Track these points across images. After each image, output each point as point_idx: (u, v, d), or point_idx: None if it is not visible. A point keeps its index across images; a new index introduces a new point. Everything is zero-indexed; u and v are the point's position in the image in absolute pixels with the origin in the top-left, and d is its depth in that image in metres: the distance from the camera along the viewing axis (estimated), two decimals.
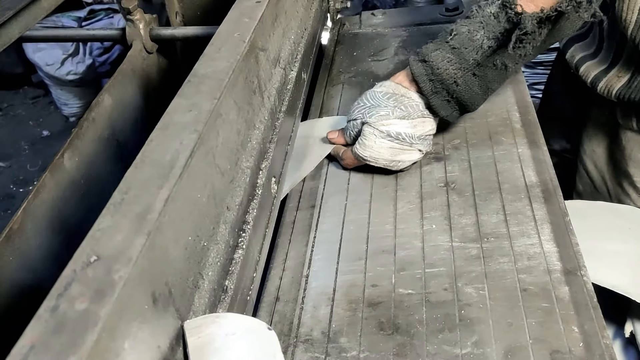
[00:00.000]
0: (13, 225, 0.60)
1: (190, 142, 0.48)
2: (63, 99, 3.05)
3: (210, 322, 0.46)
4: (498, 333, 0.59)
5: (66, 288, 0.35)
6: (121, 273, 0.35)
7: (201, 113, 0.51)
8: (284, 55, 0.84)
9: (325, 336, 0.62)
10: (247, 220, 0.63)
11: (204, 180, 0.51)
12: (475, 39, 0.75)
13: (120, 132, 0.83)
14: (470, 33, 0.75)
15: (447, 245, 0.71)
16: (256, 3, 0.72)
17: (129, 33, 0.90)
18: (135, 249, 0.37)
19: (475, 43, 0.75)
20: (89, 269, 0.36)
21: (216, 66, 0.59)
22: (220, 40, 0.64)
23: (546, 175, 0.79)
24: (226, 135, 0.57)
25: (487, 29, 0.74)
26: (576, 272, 0.65)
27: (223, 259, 0.55)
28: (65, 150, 0.70)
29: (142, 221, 0.40)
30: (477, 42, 0.75)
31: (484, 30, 0.75)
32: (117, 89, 0.83)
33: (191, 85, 0.56)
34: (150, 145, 0.48)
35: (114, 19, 2.94)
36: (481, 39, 0.75)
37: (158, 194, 0.42)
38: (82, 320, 0.32)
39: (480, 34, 0.75)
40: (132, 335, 0.37)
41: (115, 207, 0.41)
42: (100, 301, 0.34)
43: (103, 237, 0.38)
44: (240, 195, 0.61)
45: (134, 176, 0.44)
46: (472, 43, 0.75)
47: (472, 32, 0.75)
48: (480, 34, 0.75)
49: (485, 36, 0.75)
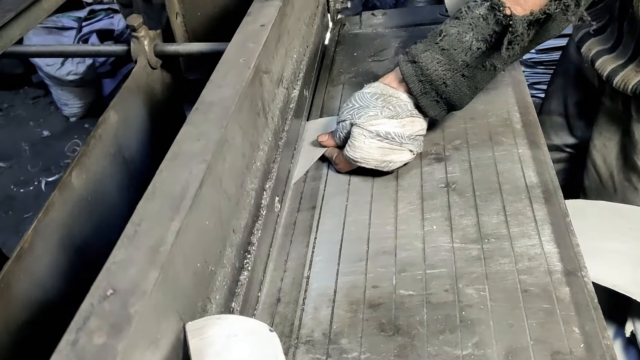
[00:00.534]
0: (24, 244, 0.61)
1: (200, 172, 0.49)
2: (63, 99, 3.05)
3: (212, 324, 0.46)
4: (499, 334, 0.60)
5: (85, 322, 0.36)
6: (137, 307, 0.37)
7: (209, 142, 0.53)
8: (287, 75, 0.85)
9: (326, 337, 0.63)
10: (252, 242, 0.64)
11: (212, 207, 0.52)
12: (465, 41, 0.75)
13: (126, 148, 0.83)
14: (460, 34, 0.75)
15: (447, 246, 0.71)
16: (260, 27, 0.73)
17: (134, 49, 0.91)
18: (149, 282, 0.39)
19: (465, 44, 0.75)
20: (106, 302, 0.37)
21: (222, 93, 0.60)
22: (225, 66, 0.65)
23: (547, 176, 0.79)
24: (232, 160, 0.58)
25: (476, 30, 0.75)
26: (577, 273, 0.65)
27: (229, 281, 0.56)
28: (73, 168, 0.70)
29: (155, 254, 0.41)
30: (466, 44, 0.75)
31: (473, 31, 0.75)
32: (122, 105, 0.83)
33: (199, 114, 0.57)
34: (160, 175, 0.49)
35: (114, 18, 2.94)
36: (470, 40, 0.75)
37: (170, 226, 0.43)
38: (101, 355, 0.34)
39: (469, 35, 0.75)
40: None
41: (129, 240, 0.42)
42: (117, 335, 0.35)
43: (118, 270, 0.39)
44: (245, 217, 0.62)
45: (145, 208, 0.45)
46: (462, 44, 0.76)
47: (461, 34, 0.75)
48: (469, 35, 0.75)
49: (475, 38, 0.75)
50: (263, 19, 0.75)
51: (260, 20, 0.74)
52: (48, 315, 0.64)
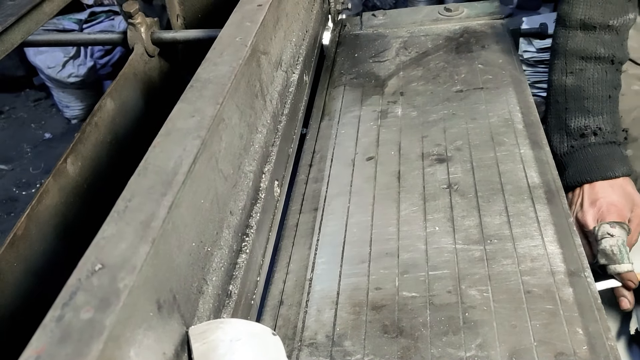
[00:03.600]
0: (17, 231, 0.60)
1: (194, 148, 0.48)
2: (65, 102, 3.06)
3: (215, 328, 0.46)
4: (502, 335, 0.59)
5: (71, 297, 0.35)
6: (126, 281, 0.36)
7: (204, 118, 0.51)
8: (286, 58, 0.84)
9: (329, 340, 0.62)
10: (250, 225, 0.63)
11: (207, 186, 0.51)
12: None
13: (122, 136, 0.83)
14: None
15: (450, 248, 0.71)
16: (258, 7, 0.72)
17: (130, 37, 0.90)
18: (139, 257, 0.38)
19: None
20: (94, 277, 0.36)
21: (218, 71, 0.59)
22: (222, 45, 0.64)
23: (549, 176, 0.78)
24: (229, 139, 0.57)
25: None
26: (580, 274, 0.65)
27: (227, 263, 0.55)
28: (68, 155, 0.70)
29: (146, 229, 0.40)
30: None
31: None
32: (119, 93, 0.83)
33: (194, 90, 0.56)
34: (153, 151, 0.48)
35: (115, 21, 2.94)
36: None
37: (162, 201, 0.42)
38: (88, 330, 0.33)
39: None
40: (137, 343, 0.37)
41: (119, 215, 0.41)
42: (106, 310, 0.34)
43: (107, 245, 0.38)
44: (243, 199, 0.61)
45: (137, 183, 0.44)
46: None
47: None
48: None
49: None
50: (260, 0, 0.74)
51: (258, 0, 0.74)
52: (42, 302, 0.63)
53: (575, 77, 0.86)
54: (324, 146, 0.93)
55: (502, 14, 1.22)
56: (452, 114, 0.94)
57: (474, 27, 1.19)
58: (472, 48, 1.11)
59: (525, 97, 0.95)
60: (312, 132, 0.98)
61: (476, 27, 1.18)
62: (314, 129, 0.98)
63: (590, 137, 0.85)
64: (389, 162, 0.87)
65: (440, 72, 1.06)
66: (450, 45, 1.14)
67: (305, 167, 0.90)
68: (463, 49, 1.12)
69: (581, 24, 0.87)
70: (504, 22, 1.20)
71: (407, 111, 0.97)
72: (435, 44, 1.16)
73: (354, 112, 1.00)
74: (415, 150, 0.88)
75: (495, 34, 1.15)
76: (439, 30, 1.20)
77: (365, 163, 0.88)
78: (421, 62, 1.11)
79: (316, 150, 0.93)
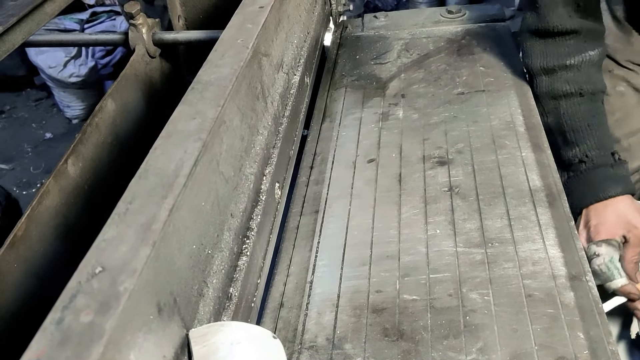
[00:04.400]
0: (17, 232, 0.60)
1: (195, 150, 0.48)
2: (66, 101, 3.06)
3: (215, 331, 0.46)
4: (503, 339, 0.59)
5: (71, 300, 0.34)
6: (126, 284, 0.35)
7: (205, 121, 0.51)
8: (287, 60, 0.84)
9: (329, 342, 0.62)
10: (251, 227, 0.63)
11: (208, 188, 0.51)
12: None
13: (123, 137, 0.83)
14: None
15: (451, 251, 0.70)
16: (259, 8, 0.72)
17: (131, 37, 0.90)
18: (140, 260, 0.37)
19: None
20: (94, 280, 0.36)
21: (220, 73, 0.59)
22: (223, 47, 0.64)
23: (550, 180, 0.78)
24: (230, 142, 0.57)
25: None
26: (581, 278, 0.64)
27: (227, 266, 0.55)
28: (69, 156, 0.70)
29: (147, 231, 0.40)
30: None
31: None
32: (120, 93, 0.83)
33: (195, 92, 0.56)
34: (154, 153, 0.48)
35: (116, 21, 2.94)
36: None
37: (162, 204, 0.42)
38: (88, 333, 0.32)
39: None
40: (137, 346, 0.37)
41: (120, 217, 0.41)
42: (106, 313, 0.34)
43: (108, 247, 0.38)
44: (244, 201, 0.61)
45: (138, 185, 0.44)
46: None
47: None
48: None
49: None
50: (262, 1, 0.74)
51: (259, 2, 0.74)
52: (43, 304, 0.63)
53: (553, 115, 0.93)
54: (325, 148, 0.93)
55: (504, 16, 1.22)
56: (453, 116, 0.94)
57: (476, 29, 1.19)
58: (473, 50, 1.11)
59: (527, 100, 0.95)
60: (313, 134, 0.98)
61: (478, 30, 1.18)
62: (315, 131, 0.98)
63: (580, 166, 0.90)
64: (390, 165, 0.87)
65: (442, 74, 1.06)
66: (451, 47, 1.14)
67: (306, 169, 0.90)
68: (465, 51, 1.12)
69: (543, 70, 0.95)
70: (506, 24, 1.19)
71: (408, 113, 0.97)
72: (436, 46, 1.15)
73: (355, 114, 1.00)
74: (417, 153, 0.88)
75: (497, 37, 1.15)
76: (441, 32, 1.20)
77: (366, 165, 0.88)
78: (423, 64, 1.11)
79: (317, 153, 0.93)
